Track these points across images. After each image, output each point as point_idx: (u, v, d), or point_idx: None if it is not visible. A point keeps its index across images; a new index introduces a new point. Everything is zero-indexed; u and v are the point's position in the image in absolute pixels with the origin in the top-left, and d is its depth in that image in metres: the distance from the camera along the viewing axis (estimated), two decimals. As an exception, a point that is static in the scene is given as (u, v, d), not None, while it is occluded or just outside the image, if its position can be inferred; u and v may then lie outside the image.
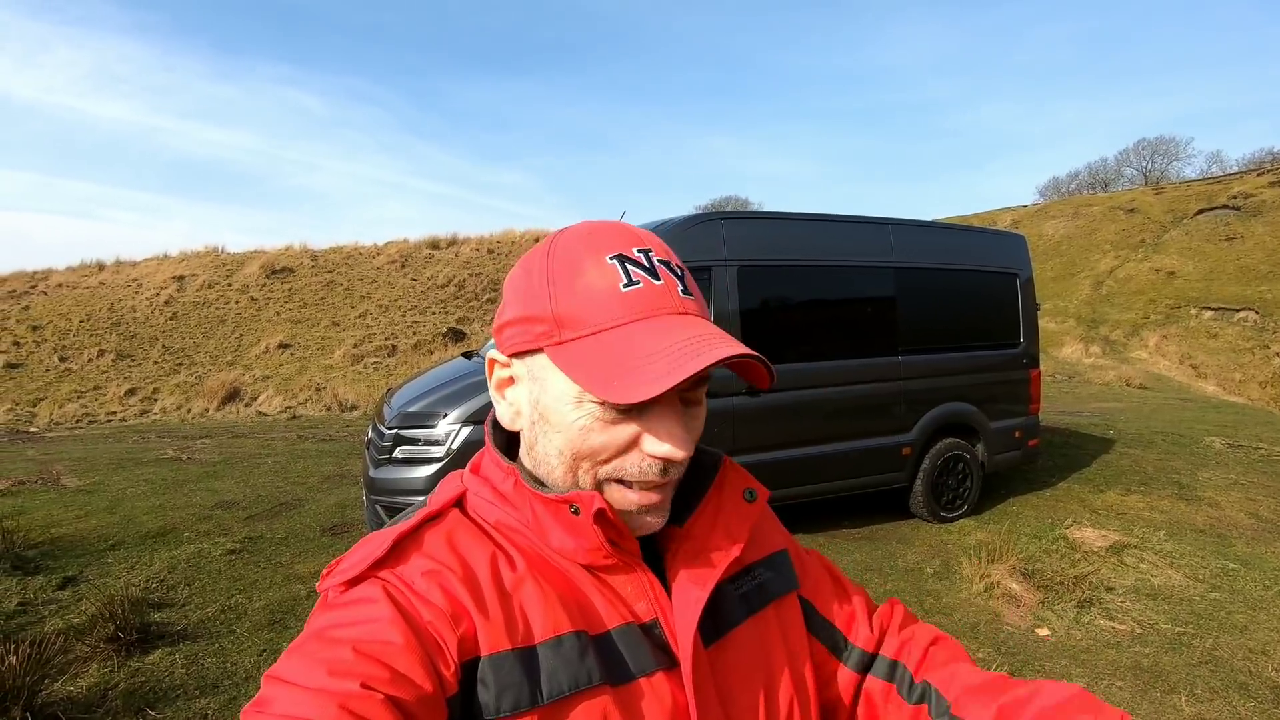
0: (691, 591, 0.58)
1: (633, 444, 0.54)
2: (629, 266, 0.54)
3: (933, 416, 4.74)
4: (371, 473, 3.70)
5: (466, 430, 3.57)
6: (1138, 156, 40.87)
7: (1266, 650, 3.05)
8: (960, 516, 4.92)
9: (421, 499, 0.62)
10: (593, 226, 0.58)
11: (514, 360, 0.59)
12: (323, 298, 16.49)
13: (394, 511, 3.58)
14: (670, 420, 0.54)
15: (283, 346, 14.21)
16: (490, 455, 0.63)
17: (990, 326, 5.11)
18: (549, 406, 0.56)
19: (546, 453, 0.57)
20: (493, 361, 0.62)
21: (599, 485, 0.56)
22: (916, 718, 0.66)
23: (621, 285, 0.54)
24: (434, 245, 19.54)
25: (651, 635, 0.57)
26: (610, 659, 0.53)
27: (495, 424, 0.65)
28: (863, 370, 4.52)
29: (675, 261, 0.58)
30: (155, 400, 11.78)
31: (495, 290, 17.14)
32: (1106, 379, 13.97)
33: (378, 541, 0.55)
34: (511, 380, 0.61)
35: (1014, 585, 3.61)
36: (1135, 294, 20.04)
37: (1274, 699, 2.67)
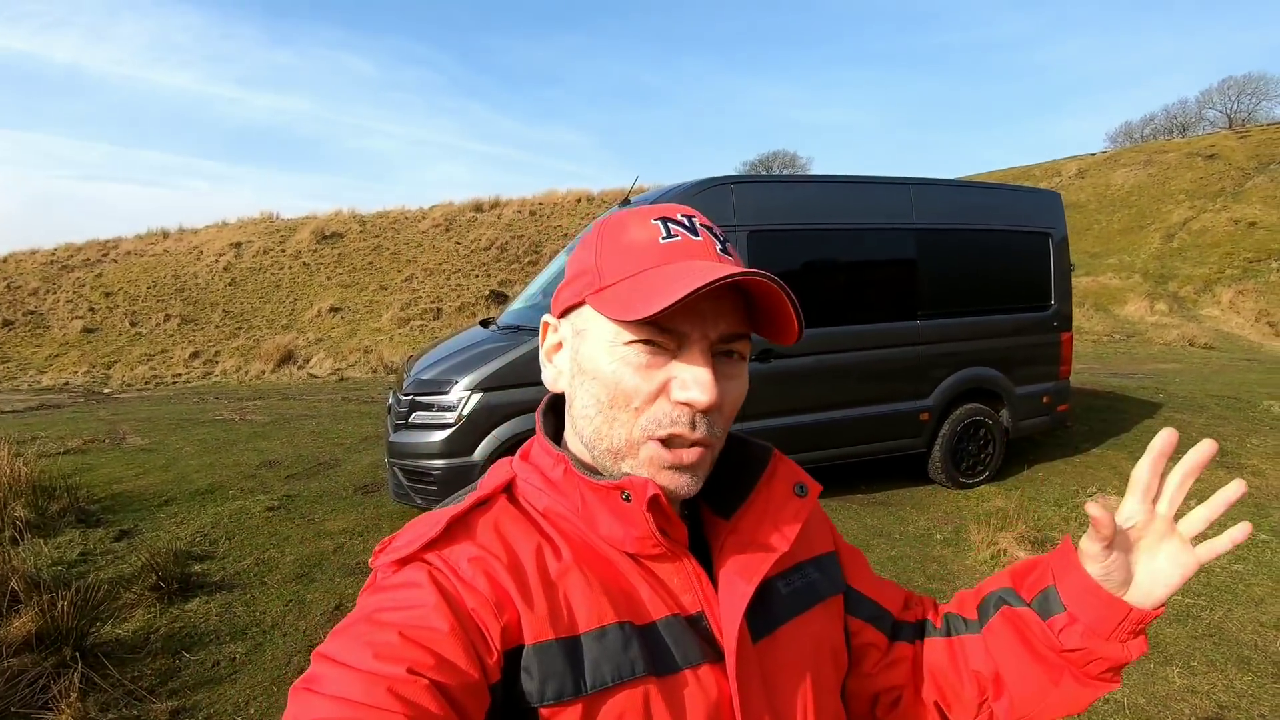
0: (738, 585, 0.58)
1: (662, 390, 0.55)
2: (670, 224, 0.58)
3: (952, 381, 4.65)
4: (391, 437, 3.89)
5: (476, 397, 3.70)
6: (1222, 97, 37.74)
7: (1279, 625, 2.97)
8: (981, 483, 4.85)
9: (471, 486, 0.63)
10: (641, 205, 0.63)
11: (561, 321, 0.63)
12: (370, 262, 16.95)
13: (411, 474, 3.77)
14: (698, 366, 0.54)
15: (334, 310, 14.74)
16: (540, 443, 0.63)
17: (1018, 288, 4.94)
18: (587, 355, 0.58)
19: (585, 406, 0.58)
20: (545, 325, 0.64)
21: (636, 447, 0.56)
22: (950, 646, 0.71)
23: (661, 238, 0.57)
24: (477, 208, 19.76)
25: (698, 627, 0.57)
26: (655, 650, 0.54)
27: (545, 412, 0.67)
28: (879, 335, 4.45)
29: (718, 230, 0.61)
30: (216, 363, 12.45)
31: (537, 252, 17.29)
32: (1168, 338, 13.29)
33: (430, 523, 0.56)
34: (559, 345, 0.63)
35: (1020, 553, 3.58)
36: (1210, 247, 18.78)
37: (1275, 674, 2.61)
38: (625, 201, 4.68)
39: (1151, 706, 2.43)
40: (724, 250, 0.58)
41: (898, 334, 4.49)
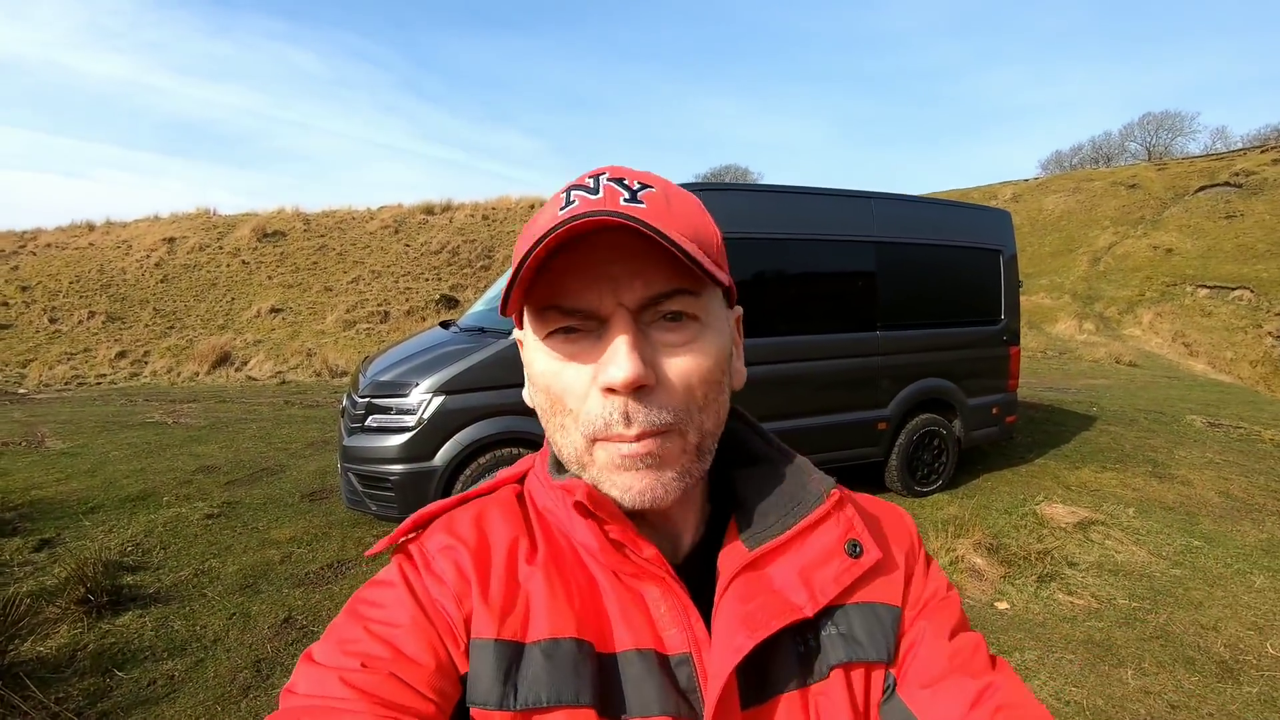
0: (735, 635, 0.47)
1: (594, 381, 0.47)
2: (574, 191, 0.49)
3: (910, 392, 4.75)
4: (345, 441, 3.72)
5: (438, 400, 3.57)
6: (1142, 131, 40.39)
7: (1218, 626, 3.11)
8: (934, 491, 4.97)
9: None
10: None
11: (517, 331, 0.55)
12: (315, 262, 16.39)
13: (367, 480, 3.61)
14: (617, 342, 0.46)
15: (274, 311, 14.16)
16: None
17: (971, 303, 5.10)
18: (528, 361, 0.52)
19: (540, 415, 0.52)
20: (519, 342, 0.56)
21: (589, 453, 0.49)
22: None
23: (560, 208, 0.48)
24: (428, 210, 19.37)
25: (675, 671, 0.48)
26: (609, 683, 0.47)
27: None
28: (840, 345, 4.51)
29: (636, 179, 0.50)
30: (145, 363, 11.77)
31: (489, 257, 17.03)
32: (1097, 356, 14.01)
33: (420, 512, 0.56)
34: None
35: (978, 560, 3.66)
36: (1132, 271, 19.96)
37: (1218, 673, 2.73)
38: (592, 205, 4.65)
39: (1110, 707, 2.51)
40: (629, 200, 0.47)
41: (858, 345, 4.57)
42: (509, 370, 3.69)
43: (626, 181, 0.49)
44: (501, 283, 4.99)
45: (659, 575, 0.49)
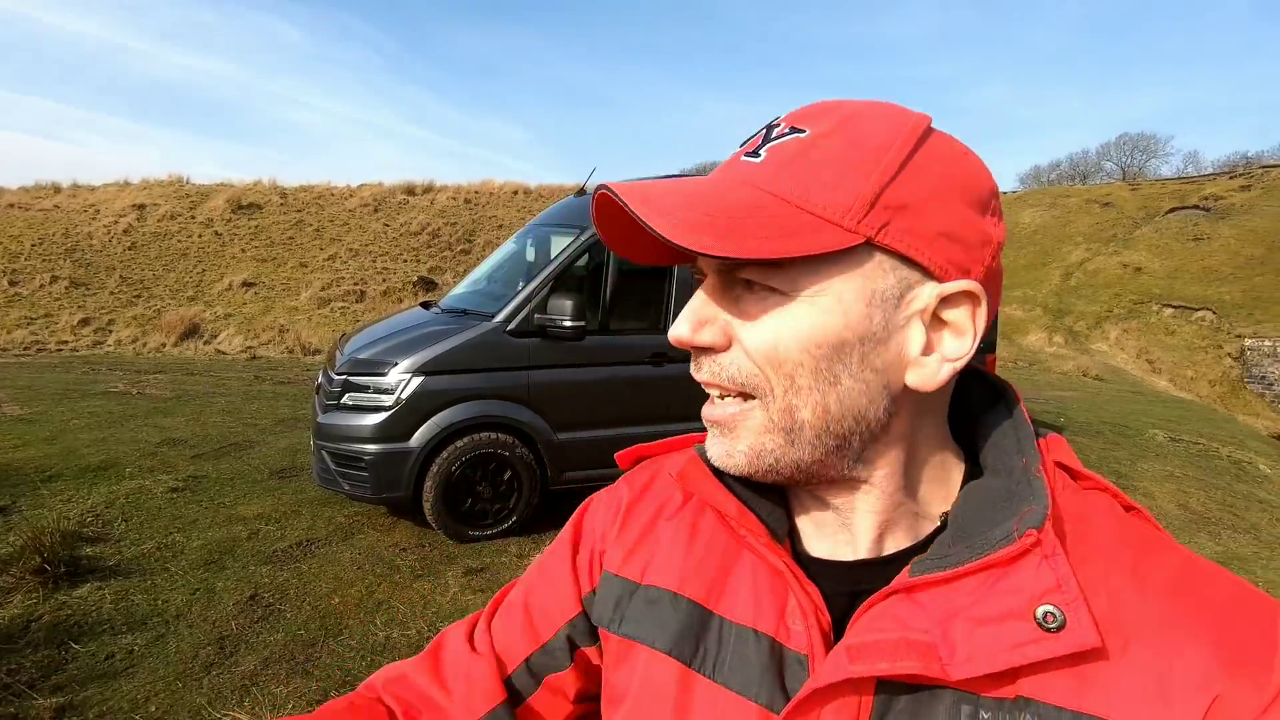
0: (841, 659, 0.40)
1: None
2: (744, 143, 0.47)
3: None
4: (319, 418, 3.65)
5: (417, 381, 3.52)
6: (1118, 151, 41.29)
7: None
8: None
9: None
10: None
11: None
12: (291, 237, 16.05)
13: (340, 459, 3.54)
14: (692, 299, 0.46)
15: (247, 285, 13.85)
16: None
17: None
18: None
19: None
20: None
21: None
22: None
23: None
24: (409, 191, 19.07)
25: (784, 667, 0.44)
26: (708, 643, 0.47)
27: None
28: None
29: (794, 123, 0.44)
30: (110, 332, 11.44)
31: (470, 241, 16.85)
32: (1065, 368, 14.32)
33: (640, 448, 0.62)
34: None
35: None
36: (1102, 287, 20.42)
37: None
38: (580, 192, 4.60)
39: None
40: (760, 145, 0.44)
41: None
42: (490, 353, 3.64)
43: (780, 128, 0.44)
44: (484, 265, 4.93)
45: (757, 549, 0.47)
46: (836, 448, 0.43)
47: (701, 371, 0.46)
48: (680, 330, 0.44)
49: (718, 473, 0.49)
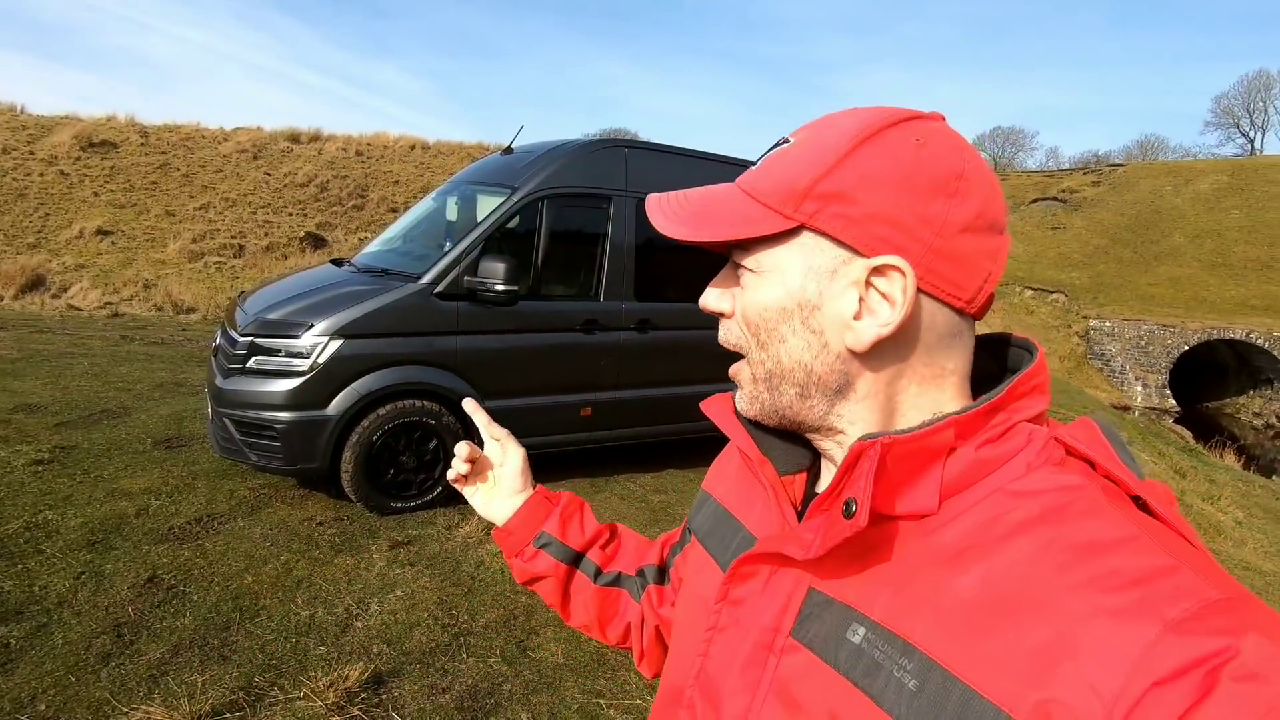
0: (761, 545, 0.53)
1: None
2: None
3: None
4: (219, 383, 3.33)
5: (335, 344, 3.27)
6: (992, 142, 44.61)
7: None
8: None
9: None
10: None
11: None
12: (154, 182, 14.41)
13: (246, 427, 3.25)
14: None
15: (102, 233, 12.35)
16: None
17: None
18: None
19: None
20: None
21: None
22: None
23: None
24: (293, 138, 17.58)
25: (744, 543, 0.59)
26: (718, 532, 0.64)
27: None
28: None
29: (787, 136, 0.54)
30: (-71, 281, 9.87)
31: (363, 196, 15.82)
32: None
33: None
34: None
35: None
36: (974, 269, 22.16)
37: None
38: (508, 150, 4.40)
39: None
40: (764, 155, 0.55)
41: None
42: (417, 317, 3.44)
43: (784, 139, 0.54)
44: (401, 222, 4.63)
45: (759, 477, 0.58)
46: (799, 395, 0.52)
47: (720, 334, 0.57)
48: (705, 298, 0.57)
49: (744, 418, 0.60)
